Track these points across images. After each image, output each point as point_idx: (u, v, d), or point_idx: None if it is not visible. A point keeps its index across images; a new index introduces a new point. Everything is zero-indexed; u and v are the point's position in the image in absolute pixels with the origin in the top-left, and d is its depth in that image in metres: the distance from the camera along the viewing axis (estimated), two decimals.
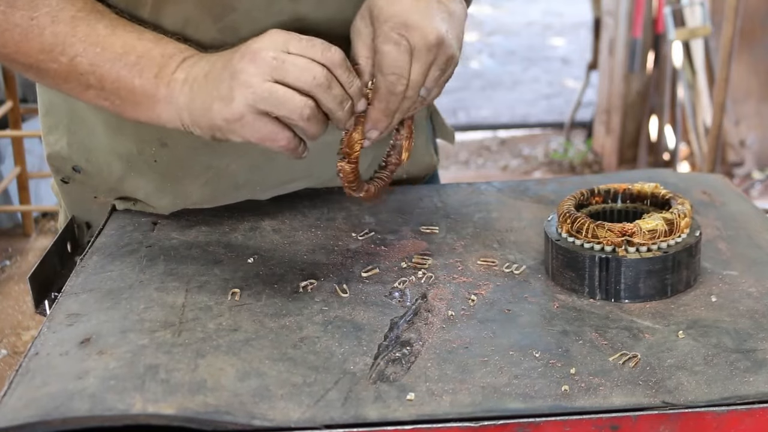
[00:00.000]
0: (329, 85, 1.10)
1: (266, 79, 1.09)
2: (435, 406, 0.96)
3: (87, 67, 1.17)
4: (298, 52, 1.10)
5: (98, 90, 1.19)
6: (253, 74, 1.09)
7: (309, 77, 1.09)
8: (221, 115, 1.11)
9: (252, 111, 1.10)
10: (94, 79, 1.18)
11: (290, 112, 1.10)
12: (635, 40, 5.01)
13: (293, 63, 1.09)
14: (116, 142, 1.38)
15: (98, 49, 1.17)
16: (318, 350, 1.07)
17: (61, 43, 1.17)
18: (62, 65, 1.18)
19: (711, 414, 0.95)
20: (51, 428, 0.93)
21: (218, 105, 1.11)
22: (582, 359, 1.04)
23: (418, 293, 1.20)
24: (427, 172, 1.60)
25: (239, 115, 1.10)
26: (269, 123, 1.11)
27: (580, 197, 1.29)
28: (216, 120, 1.12)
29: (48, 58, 1.18)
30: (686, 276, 1.20)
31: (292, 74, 1.09)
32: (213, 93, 1.12)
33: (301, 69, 1.09)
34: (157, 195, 1.40)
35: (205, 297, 1.19)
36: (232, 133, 1.13)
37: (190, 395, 0.96)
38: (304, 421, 0.94)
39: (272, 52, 1.09)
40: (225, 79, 1.11)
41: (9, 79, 4.23)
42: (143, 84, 1.16)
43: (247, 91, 1.09)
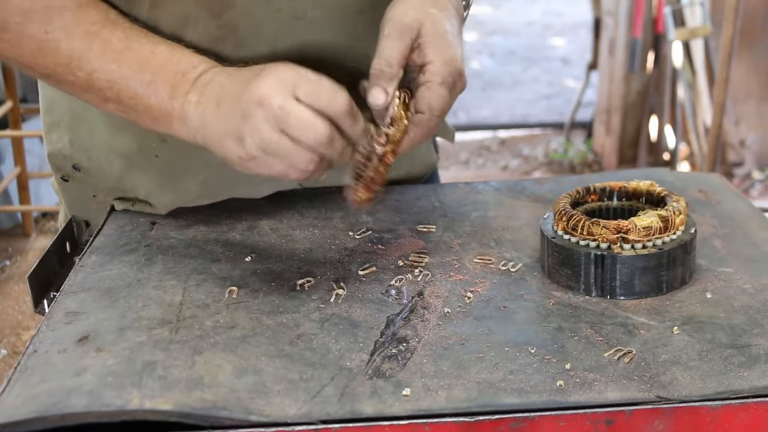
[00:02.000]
0: (330, 142, 1.12)
1: (273, 129, 1.10)
2: (431, 402, 0.96)
3: (104, 83, 1.19)
4: (305, 98, 1.10)
5: (116, 104, 1.21)
6: (261, 120, 1.10)
7: (311, 135, 1.10)
8: (234, 153, 1.14)
9: (262, 153, 1.12)
10: (111, 94, 1.20)
11: (296, 164, 1.12)
12: (635, 40, 5.02)
13: (297, 117, 1.09)
14: (117, 140, 1.38)
15: (114, 66, 1.18)
16: (315, 347, 1.07)
17: (77, 58, 1.18)
18: (80, 79, 1.19)
19: (705, 408, 0.96)
20: (49, 424, 0.94)
21: (230, 142, 1.13)
22: (577, 355, 1.05)
23: (415, 291, 1.21)
24: (427, 171, 1.61)
25: (252, 156, 1.13)
26: (279, 163, 1.13)
27: (576, 195, 1.30)
28: (229, 155, 1.14)
29: (66, 72, 1.20)
30: (681, 273, 1.20)
31: (295, 129, 1.10)
32: (224, 127, 1.14)
33: (304, 125, 1.10)
34: (158, 192, 1.41)
35: (203, 295, 1.19)
36: (243, 168, 1.15)
37: (187, 391, 0.97)
38: (300, 416, 0.94)
39: (279, 100, 1.09)
40: (236, 117, 1.12)
41: (9, 79, 4.24)
42: (159, 103, 1.18)
43: (257, 137, 1.11)
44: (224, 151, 1.15)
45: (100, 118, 1.38)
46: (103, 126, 1.38)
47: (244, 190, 1.44)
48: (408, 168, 1.58)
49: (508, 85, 7.65)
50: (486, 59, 8.42)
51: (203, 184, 1.41)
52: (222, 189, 1.42)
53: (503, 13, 10.10)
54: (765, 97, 5.20)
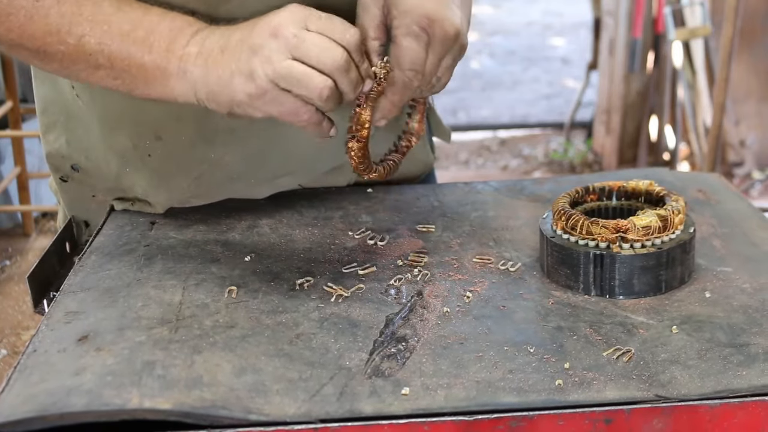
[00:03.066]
0: (348, 68, 1.10)
1: (287, 57, 1.08)
2: (430, 401, 0.97)
3: (95, 46, 1.16)
4: (318, 30, 1.09)
5: (108, 69, 1.17)
6: (274, 50, 1.08)
7: (330, 59, 1.09)
8: (243, 90, 1.11)
9: (274, 87, 1.10)
10: (103, 58, 1.16)
11: (309, 92, 1.10)
12: (635, 40, 5.02)
13: (314, 42, 1.08)
14: (112, 138, 1.38)
15: (105, 27, 1.15)
16: (314, 346, 1.07)
17: (67, 23, 1.16)
18: (70, 46, 1.16)
19: (704, 407, 0.96)
20: (48, 423, 0.94)
21: (239, 79, 1.11)
22: (576, 354, 1.05)
23: (414, 290, 1.21)
24: (424, 170, 1.61)
25: (262, 90, 1.10)
26: (291, 98, 1.11)
27: (575, 195, 1.30)
28: (237, 95, 1.11)
29: (55, 40, 1.17)
30: (680, 272, 1.20)
31: (313, 54, 1.08)
32: (232, 66, 1.11)
33: (321, 49, 1.08)
34: (153, 191, 1.41)
35: (202, 294, 1.19)
36: (253, 108, 1.12)
37: (186, 390, 0.97)
38: (299, 415, 0.94)
39: (293, 28, 1.08)
40: (245, 52, 1.10)
41: (9, 79, 4.24)
42: (154, 59, 1.15)
43: (269, 68, 1.09)
44: (232, 91, 1.11)
45: (93, 117, 1.38)
46: (97, 125, 1.38)
47: (240, 189, 1.43)
48: (405, 167, 1.57)
49: (508, 85, 7.65)
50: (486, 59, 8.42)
51: (197, 182, 1.40)
52: (217, 188, 1.42)
53: (503, 13, 10.10)
54: (765, 97, 5.20)
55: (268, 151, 1.40)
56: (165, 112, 1.33)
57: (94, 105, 1.37)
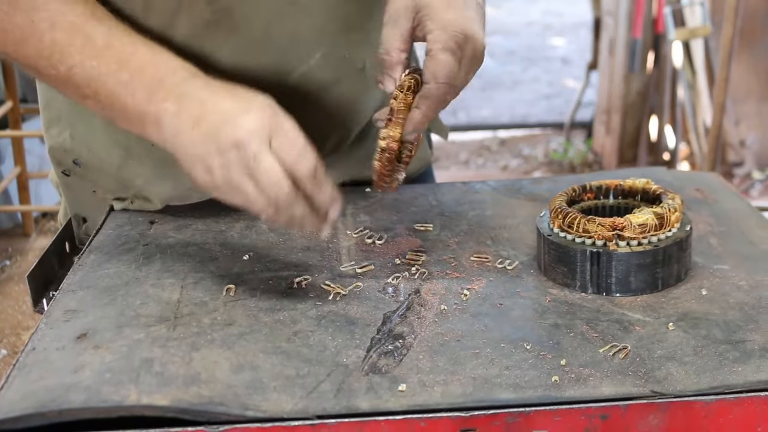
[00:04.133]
0: (290, 205, 1.12)
1: (242, 172, 1.10)
2: (426, 397, 0.97)
3: (82, 80, 1.18)
4: (277, 150, 1.10)
5: (94, 101, 1.20)
6: (233, 161, 1.10)
7: (273, 193, 1.10)
8: (200, 178, 1.13)
9: (227, 187, 1.12)
10: (89, 91, 1.19)
11: (253, 206, 1.12)
12: (635, 40, 5.02)
13: (266, 172, 1.10)
14: (114, 130, 1.39)
15: (94, 63, 1.17)
16: (311, 344, 1.08)
17: (58, 51, 1.18)
18: (60, 73, 1.19)
19: (700, 403, 0.97)
20: (47, 420, 0.94)
21: (199, 168, 1.13)
22: (573, 351, 1.05)
23: (412, 288, 1.21)
24: (422, 166, 1.62)
25: (215, 186, 1.13)
26: (241, 200, 1.13)
27: (572, 193, 1.30)
28: (197, 177, 1.14)
29: (47, 65, 1.19)
30: (677, 270, 1.21)
31: (262, 181, 1.10)
32: (197, 152, 1.13)
33: (270, 182, 1.10)
34: (156, 181, 1.41)
35: (201, 293, 1.20)
36: (211, 193, 1.16)
37: (184, 387, 0.98)
38: (296, 412, 0.95)
39: (254, 147, 1.09)
40: (210, 149, 1.11)
41: (9, 79, 4.25)
42: (135, 105, 1.17)
43: (226, 174, 1.11)
44: (191, 172, 1.15)
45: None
46: (99, 118, 1.39)
47: None
48: None
49: (508, 85, 7.65)
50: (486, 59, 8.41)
51: None
52: None
53: (503, 13, 10.10)
54: (765, 97, 5.20)
55: None
56: None
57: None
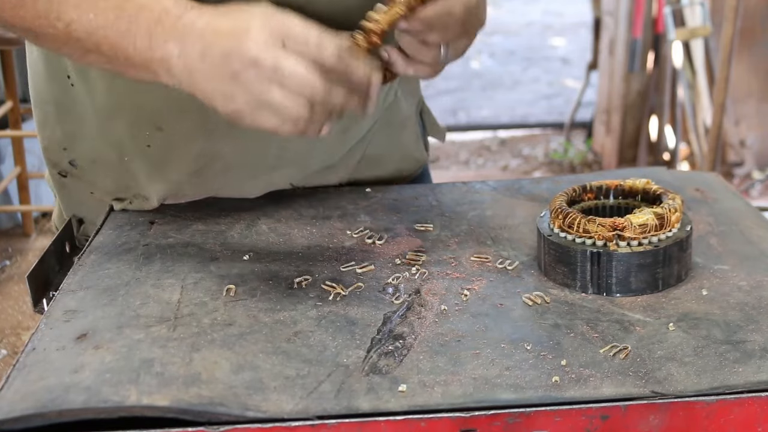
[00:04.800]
0: (325, 100, 1.10)
1: (265, 84, 1.08)
2: (427, 397, 0.97)
3: (83, 34, 1.15)
4: (293, 50, 1.08)
5: (97, 54, 1.17)
6: (253, 80, 1.08)
7: (307, 92, 1.08)
8: (224, 109, 1.11)
9: (254, 108, 1.10)
10: (91, 44, 1.16)
11: (285, 121, 1.10)
12: (635, 40, 5.02)
13: (291, 75, 1.08)
14: (107, 128, 1.38)
15: (91, 16, 1.15)
16: (311, 344, 1.08)
17: (55, 9, 1.15)
18: (59, 31, 1.16)
19: (700, 403, 0.96)
20: (47, 420, 0.94)
21: (220, 99, 1.11)
22: (573, 351, 1.05)
23: (412, 288, 1.21)
24: (418, 168, 1.62)
25: (241, 112, 1.11)
26: (272, 116, 1.11)
27: (572, 193, 1.30)
28: (220, 107, 1.12)
29: (45, 24, 1.16)
30: (677, 270, 1.21)
31: (291, 86, 1.08)
32: (212, 83, 1.11)
33: (299, 83, 1.08)
34: (152, 179, 1.42)
35: (201, 293, 1.20)
36: (235, 120, 1.13)
37: (184, 388, 0.98)
38: (297, 412, 0.95)
39: (271, 59, 1.07)
40: (225, 76, 1.10)
41: (9, 79, 4.25)
42: (139, 53, 1.14)
43: (248, 96, 1.09)
44: (213, 104, 1.12)
45: (87, 108, 1.38)
46: (91, 116, 1.38)
47: (235, 180, 1.44)
48: (398, 165, 1.58)
49: (508, 85, 7.65)
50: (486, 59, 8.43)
51: (195, 174, 1.42)
52: (213, 177, 1.43)
53: (503, 13, 10.10)
54: (765, 97, 5.20)
55: (265, 143, 1.41)
56: (167, 103, 1.34)
57: (92, 94, 1.37)
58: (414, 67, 1.23)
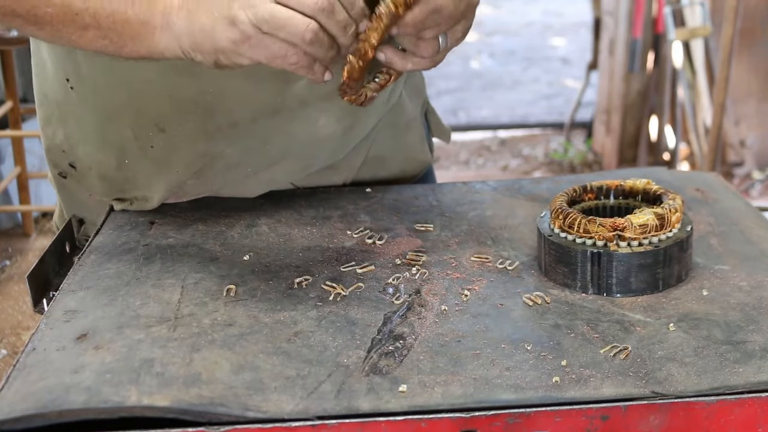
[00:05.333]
0: (332, 10, 1.08)
1: (268, 0, 1.07)
2: (427, 398, 0.97)
3: (80, 5, 1.15)
4: None
5: (96, 29, 1.16)
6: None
7: (312, 1, 1.07)
8: (227, 36, 1.09)
9: (257, 32, 1.08)
10: (89, 17, 1.16)
11: (292, 35, 1.07)
12: (635, 40, 5.02)
13: None
14: (108, 130, 1.38)
15: None
16: (312, 344, 1.08)
17: None
18: (56, 8, 1.16)
19: (701, 404, 0.96)
20: (47, 421, 0.94)
21: (222, 26, 1.09)
22: (573, 352, 1.05)
23: (412, 288, 1.21)
24: (422, 169, 1.62)
25: (245, 35, 1.08)
26: (277, 42, 1.08)
27: (572, 194, 1.30)
28: (221, 42, 1.10)
29: (42, 3, 1.16)
30: (678, 270, 1.21)
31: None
32: (214, 14, 1.09)
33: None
34: (150, 182, 1.41)
35: (201, 293, 1.20)
36: (238, 55, 1.10)
37: (184, 388, 0.98)
38: (297, 412, 0.95)
39: None
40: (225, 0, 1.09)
41: (9, 79, 4.25)
42: (137, 13, 1.14)
43: (250, 12, 1.07)
44: (215, 39, 1.10)
45: (88, 110, 1.38)
46: (91, 118, 1.38)
47: (235, 178, 1.44)
48: (402, 166, 1.58)
49: (508, 85, 7.65)
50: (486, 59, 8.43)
51: (197, 174, 1.42)
52: (215, 175, 1.43)
53: (503, 13, 10.10)
54: (765, 97, 5.20)
55: (267, 143, 1.41)
56: (170, 105, 1.34)
57: (92, 98, 1.37)
58: (412, 61, 1.21)
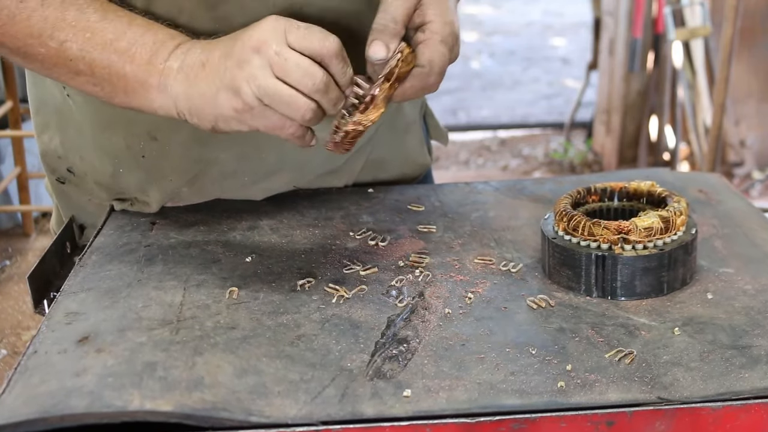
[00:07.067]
0: (327, 90, 1.12)
1: (271, 74, 1.10)
2: (431, 403, 0.96)
3: (76, 52, 1.16)
4: (298, 44, 1.11)
5: (88, 76, 1.18)
6: (258, 66, 1.10)
7: (310, 82, 1.11)
8: (230, 105, 1.12)
9: (260, 103, 1.11)
10: (83, 65, 1.17)
11: (293, 112, 1.12)
12: (635, 40, 5.01)
13: (296, 63, 1.10)
14: (104, 139, 1.37)
15: (88, 35, 1.16)
16: (315, 348, 1.07)
17: (50, 27, 1.16)
18: (51, 50, 1.16)
19: (706, 409, 0.96)
20: (49, 425, 0.93)
21: (225, 95, 1.12)
22: (578, 356, 1.05)
23: (416, 291, 1.20)
24: (421, 172, 1.62)
25: (248, 106, 1.11)
26: (276, 114, 1.12)
27: (576, 196, 1.30)
28: (223, 109, 1.13)
29: (36, 43, 1.16)
30: (682, 273, 1.20)
31: (294, 76, 1.10)
32: (216, 82, 1.12)
33: (303, 72, 1.10)
34: (145, 190, 1.41)
35: (203, 295, 1.19)
36: (239, 122, 1.14)
37: (187, 392, 0.97)
38: (301, 417, 0.94)
39: (275, 46, 1.10)
40: (229, 68, 1.11)
41: (9, 79, 4.24)
42: (134, 71, 1.16)
43: (254, 84, 1.10)
44: (217, 106, 1.13)
45: (85, 117, 1.37)
46: (88, 126, 1.38)
47: (233, 186, 1.44)
48: (402, 169, 1.58)
49: (508, 85, 7.65)
50: (486, 59, 8.42)
51: (192, 183, 1.41)
52: (210, 185, 1.43)
53: (503, 13, 10.09)
54: (765, 97, 5.19)
55: (262, 151, 1.40)
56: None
57: (86, 106, 1.36)
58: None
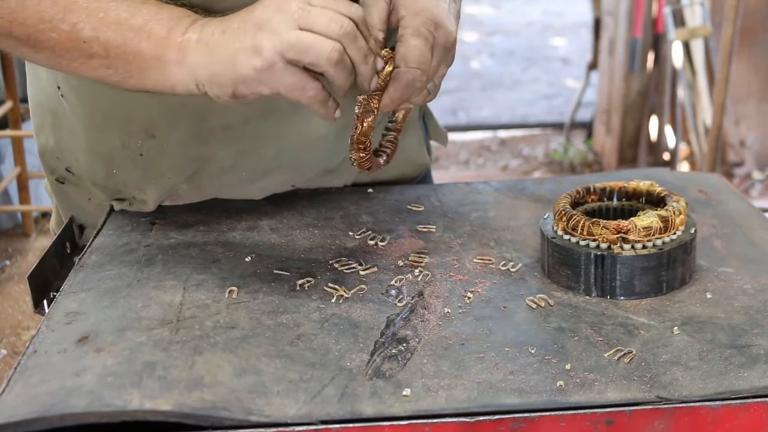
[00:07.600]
0: (355, 36, 1.10)
1: (293, 27, 1.08)
2: (431, 402, 0.96)
3: (89, 33, 1.14)
4: (322, 5, 1.10)
5: (102, 58, 1.15)
6: (280, 22, 1.08)
7: (337, 26, 1.09)
8: (250, 65, 1.10)
9: (281, 59, 1.09)
10: (97, 45, 1.14)
11: (318, 57, 1.09)
12: (635, 40, 5.01)
13: (320, 12, 1.09)
14: (97, 140, 1.37)
15: (101, 15, 1.13)
16: (315, 347, 1.07)
17: (61, 10, 1.13)
18: (63, 34, 1.14)
19: (705, 408, 0.96)
20: (49, 425, 0.94)
21: (245, 55, 1.10)
22: (577, 355, 1.05)
23: (415, 291, 1.20)
24: (421, 172, 1.62)
25: (270, 63, 1.09)
26: (298, 72, 1.10)
27: (576, 195, 1.30)
28: (244, 70, 1.10)
29: (47, 27, 1.14)
30: (681, 273, 1.20)
31: (320, 22, 1.08)
32: (236, 45, 1.10)
33: (328, 18, 1.09)
34: (142, 188, 1.41)
35: (203, 295, 1.19)
36: (260, 83, 1.11)
37: (187, 392, 0.97)
38: (300, 416, 0.94)
39: (297, 3, 1.09)
40: (249, 30, 1.10)
41: (9, 79, 4.24)
42: (152, 46, 1.13)
43: (275, 39, 1.08)
44: (237, 69, 1.10)
45: (78, 119, 1.37)
46: (81, 128, 1.37)
47: (231, 183, 1.43)
48: (401, 169, 1.58)
49: (508, 85, 7.65)
50: (486, 59, 8.42)
51: (190, 180, 1.41)
52: (209, 180, 1.42)
53: (503, 13, 10.10)
54: (765, 97, 5.19)
55: (260, 147, 1.40)
56: (159, 110, 1.33)
57: (80, 106, 1.36)
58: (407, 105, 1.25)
